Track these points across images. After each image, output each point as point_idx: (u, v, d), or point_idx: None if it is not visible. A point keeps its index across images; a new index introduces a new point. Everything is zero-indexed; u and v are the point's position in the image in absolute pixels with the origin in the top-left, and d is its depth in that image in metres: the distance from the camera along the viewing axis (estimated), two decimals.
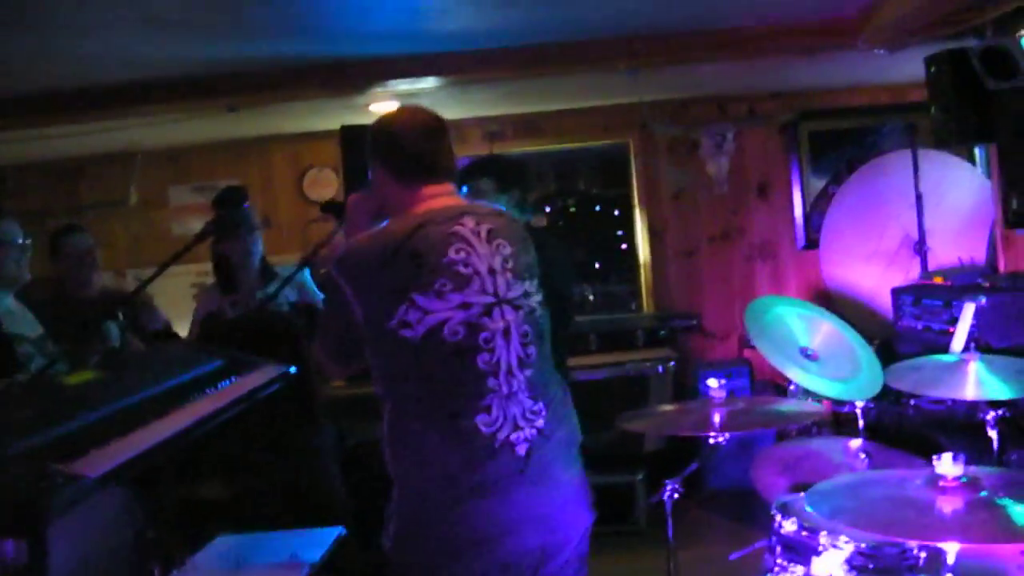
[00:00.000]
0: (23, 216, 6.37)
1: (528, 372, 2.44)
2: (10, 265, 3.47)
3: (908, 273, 6.23)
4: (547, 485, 2.43)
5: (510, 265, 2.48)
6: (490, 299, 2.41)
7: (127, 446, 2.03)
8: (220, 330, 4.09)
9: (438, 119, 2.63)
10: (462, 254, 2.41)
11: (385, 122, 2.62)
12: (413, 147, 2.54)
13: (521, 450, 2.39)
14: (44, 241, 4.34)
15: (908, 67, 5.41)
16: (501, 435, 2.37)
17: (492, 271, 2.43)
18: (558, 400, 2.54)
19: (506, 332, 2.41)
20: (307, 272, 4.24)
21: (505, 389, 2.39)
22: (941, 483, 2.14)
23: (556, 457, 2.46)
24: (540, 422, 2.43)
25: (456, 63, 5.05)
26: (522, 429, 2.40)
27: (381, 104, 5.63)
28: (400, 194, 2.55)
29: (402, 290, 2.36)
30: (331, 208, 3.08)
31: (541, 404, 2.45)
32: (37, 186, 6.81)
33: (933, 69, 4.81)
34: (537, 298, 2.53)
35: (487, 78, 5.22)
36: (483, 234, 2.47)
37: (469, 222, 2.47)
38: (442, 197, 2.54)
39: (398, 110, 2.71)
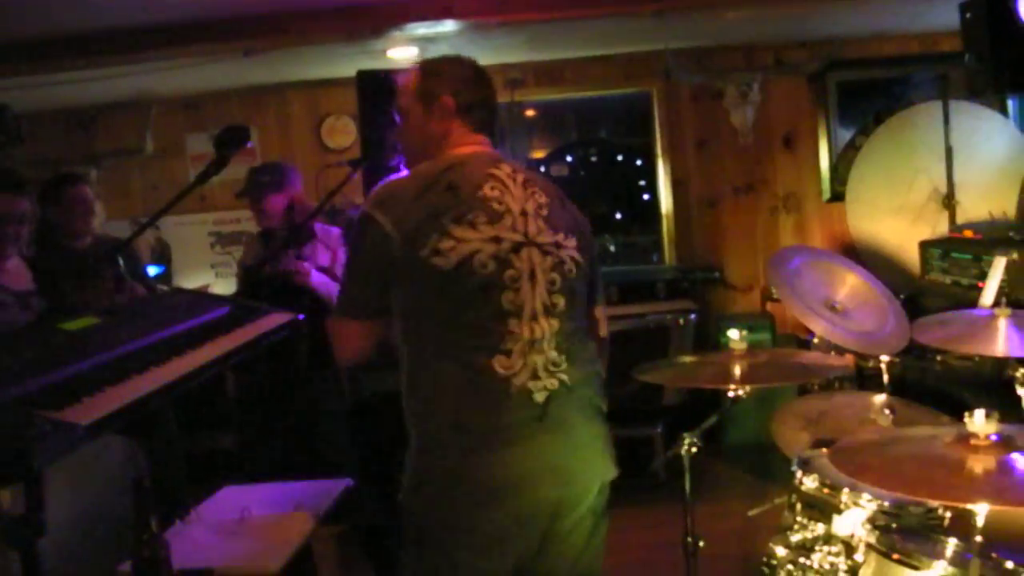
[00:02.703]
0: (38, 165, 6.35)
1: (554, 322, 2.38)
2: None
3: (935, 227, 6.07)
4: (566, 435, 2.38)
5: (544, 213, 2.46)
6: (520, 238, 2.39)
7: (121, 394, 1.96)
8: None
9: None
10: (496, 192, 2.41)
11: (455, 58, 2.63)
12: (480, 87, 2.59)
13: (539, 398, 2.33)
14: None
15: (941, 14, 5.26)
16: (518, 380, 2.32)
17: (524, 212, 2.42)
18: (584, 359, 2.48)
19: (532, 275, 2.37)
20: None
21: (527, 334, 2.33)
22: (972, 441, 2.04)
23: (578, 411, 2.42)
24: (562, 374, 2.38)
25: (475, 6, 4.91)
26: (541, 379, 2.34)
27: (399, 49, 5.52)
28: (452, 131, 2.54)
29: (436, 217, 2.34)
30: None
31: (564, 358, 2.39)
32: (52, 134, 6.73)
33: (969, 15, 4.65)
34: (572, 253, 2.48)
35: (507, 22, 5.08)
36: (519, 180, 2.48)
37: (506, 167, 2.49)
38: (483, 146, 2.56)
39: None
